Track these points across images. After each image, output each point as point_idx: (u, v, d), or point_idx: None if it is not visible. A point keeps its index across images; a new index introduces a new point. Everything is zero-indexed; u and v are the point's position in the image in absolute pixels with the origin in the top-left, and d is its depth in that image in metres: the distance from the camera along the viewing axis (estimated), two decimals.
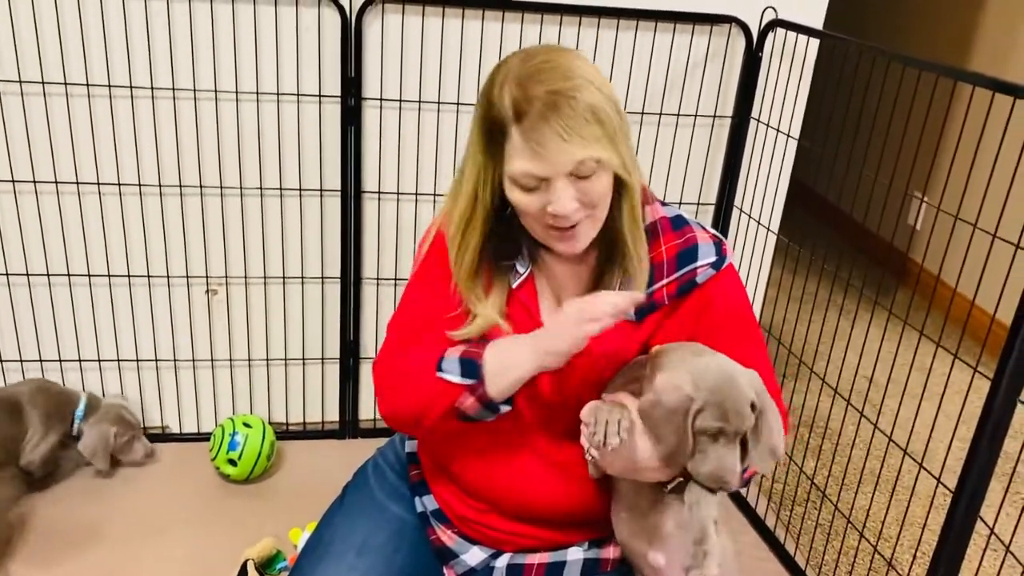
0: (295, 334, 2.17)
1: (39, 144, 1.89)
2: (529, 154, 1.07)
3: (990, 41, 3.21)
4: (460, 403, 1.16)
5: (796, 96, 2.04)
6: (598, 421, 1.12)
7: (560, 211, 1.09)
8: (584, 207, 1.11)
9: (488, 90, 1.10)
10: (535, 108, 1.05)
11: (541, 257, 1.24)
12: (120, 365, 2.12)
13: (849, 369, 2.72)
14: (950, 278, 3.09)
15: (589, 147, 1.06)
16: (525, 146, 1.07)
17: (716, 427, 1.09)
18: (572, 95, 1.05)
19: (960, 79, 1.43)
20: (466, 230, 1.18)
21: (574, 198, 1.09)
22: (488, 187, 1.14)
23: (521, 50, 1.13)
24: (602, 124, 1.07)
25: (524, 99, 1.05)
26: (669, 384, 1.12)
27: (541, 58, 1.08)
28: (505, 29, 1.93)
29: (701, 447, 1.11)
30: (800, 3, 1.99)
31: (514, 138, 1.07)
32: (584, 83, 1.06)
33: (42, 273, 2.00)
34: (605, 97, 1.08)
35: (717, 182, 2.14)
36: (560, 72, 1.06)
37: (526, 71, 1.07)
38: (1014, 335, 1.28)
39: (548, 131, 1.05)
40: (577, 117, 1.05)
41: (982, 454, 1.36)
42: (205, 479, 2.07)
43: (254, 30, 1.86)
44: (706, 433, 1.10)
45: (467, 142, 1.17)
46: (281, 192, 2.02)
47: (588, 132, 1.06)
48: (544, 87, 1.05)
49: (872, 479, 2.31)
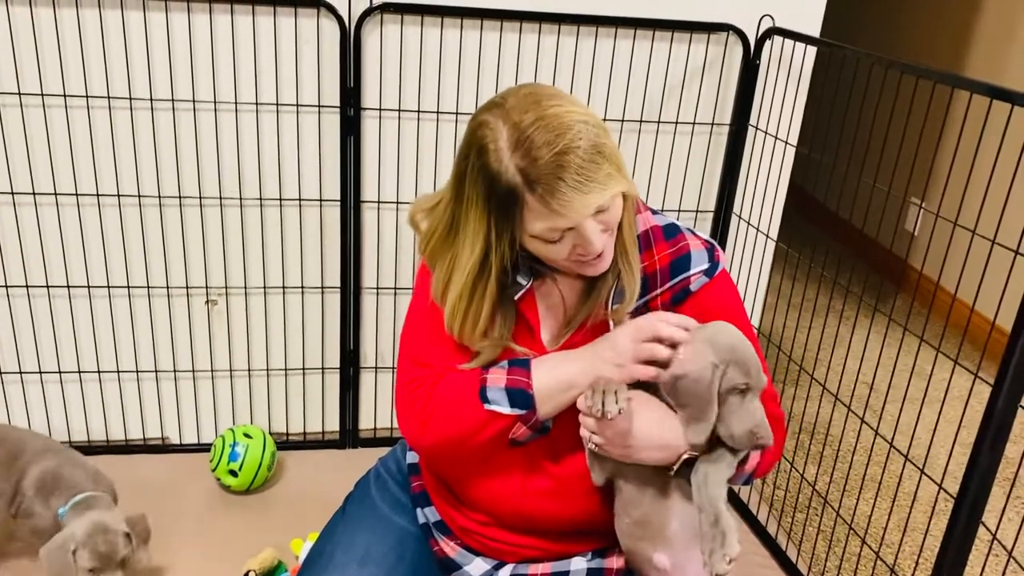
0: (295, 344, 2.17)
1: (39, 156, 1.90)
2: (551, 214, 1.06)
3: (986, 48, 3.23)
4: (513, 433, 1.18)
5: (794, 103, 2.05)
6: (596, 392, 1.13)
7: (594, 251, 1.11)
8: (608, 232, 1.12)
9: (484, 161, 1.06)
10: (545, 172, 1.03)
11: (540, 270, 1.23)
12: (120, 376, 2.12)
13: (849, 375, 2.72)
14: (949, 284, 3.09)
15: (607, 188, 1.06)
16: (545, 208, 1.05)
17: (743, 383, 1.13)
18: (575, 145, 1.04)
19: (957, 86, 1.43)
20: (472, 299, 1.16)
21: (600, 232, 1.10)
22: (501, 252, 1.12)
23: (498, 107, 1.08)
24: (608, 159, 1.07)
25: (531, 166, 1.04)
26: (689, 355, 1.14)
27: (529, 117, 1.05)
28: (504, 39, 1.93)
29: (731, 408, 1.13)
30: (797, 11, 2.00)
31: (531, 203, 1.06)
32: (578, 125, 1.05)
33: (42, 285, 2.00)
34: (595, 126, 1.07)
35: (716, 189, 2.15)
36: (553, 126, 1.04)
37: (521, 136, 1.04)
38: (1015, 340, 1.28)
39: (566, 189, 1.04)
40: (587, 165, 1.04)
41: (983, 460, 1.36)
42: (206, 490, 2.07)
43: (253, 41, 1.87)
44: (734, 391, 1.13)
45: (456, 215, 1.13)
46: (281, 202, 2.02)
47: (600, 174, 1.05)
48: (547, 150, 1.03)
49: (873, 485, 2.31)
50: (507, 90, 1.12)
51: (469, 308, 1.17)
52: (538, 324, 1.23)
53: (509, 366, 1.19)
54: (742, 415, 1.13)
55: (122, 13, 1.80)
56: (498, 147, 1.05)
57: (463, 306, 1.17)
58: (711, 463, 1.16)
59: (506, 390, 1.17)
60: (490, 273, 1.14)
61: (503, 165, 1.05)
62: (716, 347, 1.13)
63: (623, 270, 1.19)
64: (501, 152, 1.05)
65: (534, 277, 1.22)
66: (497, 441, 1.20)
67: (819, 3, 2.02)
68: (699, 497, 1.16)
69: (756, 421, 1.13)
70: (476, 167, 1.08)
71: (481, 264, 1.13)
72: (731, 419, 1.14)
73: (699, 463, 1.16)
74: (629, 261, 1.18)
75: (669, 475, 1.19)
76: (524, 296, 1.21)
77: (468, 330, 1.19)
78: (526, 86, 1.11)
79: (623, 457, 1.18)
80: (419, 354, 1.26)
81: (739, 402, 1.13)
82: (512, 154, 1.05)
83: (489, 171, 1.06)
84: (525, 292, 1.21)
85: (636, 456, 1.17)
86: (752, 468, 1.22)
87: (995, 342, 2.61)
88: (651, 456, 1.17)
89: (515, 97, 1.08)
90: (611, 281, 1.20)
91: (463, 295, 1.16)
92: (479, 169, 1.07)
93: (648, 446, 1.16)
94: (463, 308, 1.17)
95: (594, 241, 1.10)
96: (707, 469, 1.16)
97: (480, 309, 1.17)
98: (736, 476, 1.21)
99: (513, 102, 1.08)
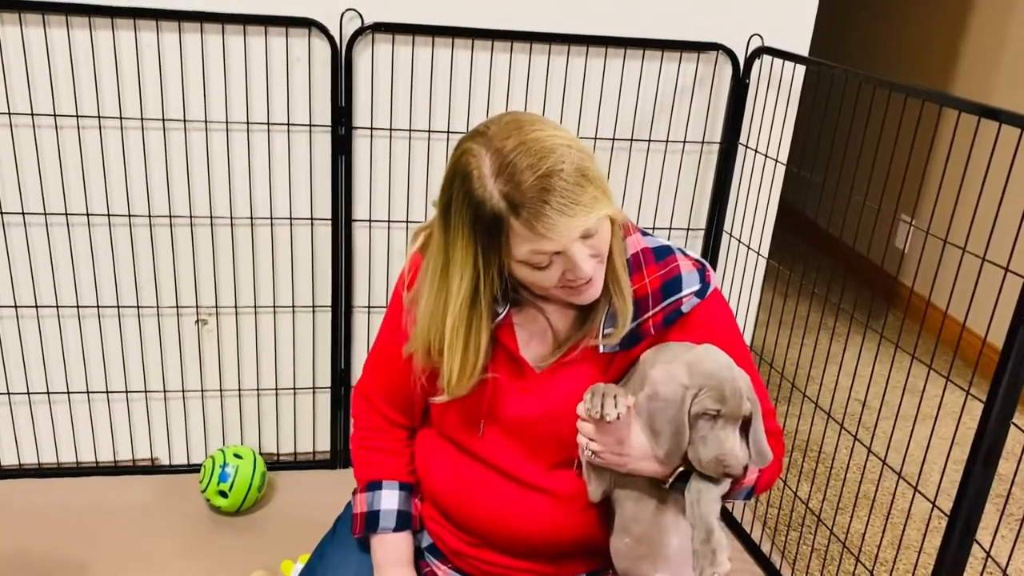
0: (286, 363, 2.16)
1: (28, 176, 1.89)
2: (537, 238, 1.06)
3: (972, 65, 3.25)
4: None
5: (784, 121, 2.06)
6: (595, 395, 1.13)
7: (583, 276, 1.10)
8: (596, 257, 1.12)
9: (468, 189, 1.07)
10: (530, 195, 1.03)
11: (524, 297, 1.23)
12: (109, 396, 2.11)
13: (841, 392, 2.72)
14: (940, 300, 3.10)
15: (592, 211, 1.06)
16: (531, 232, 1.05)
17: (714, 409, 1.11)
18: (558, 168, 1.04)
19: (946, 104, 1.44)
20: (470, 330, 1.16)
21: (589, 256, 1.10)
22: (490, 280, 1.12)
23: (480, 135, 1.09)
24: (592, 181, 1.06)
25: (515, 190, 1.04)
26: (665, 375, 1.14)
27: (511, 143, 1.05)
28: (494, 58, 1.94)
29: (701, 432, 1.12)
30: (786, 30, 2.01)
31: (516, 228, 1.06)
32: (560, 149, 1.05)
33: (31, 305, 1.99)
34: (579, 150, 1.07)
35: (706, 207, 2.15)
36: (535, 150, 1.04)
37: (504, 161, 1.05)
38: (1005, 358, 1.28)
39: (550, 212, 1.03)
40: (571, 188, 1.04)
41: (976, 477, 1.35)
42: (195, 511, 2.05)
43: (244, 61, 1.87)
44: (704, 416, 1.12)
45: (445, 246, 1.13)
46: (272, 221, 2.02)
47: (585, 197, 1.05)
48: (530, 174, 1.03)
49: (867, 503, 2.31)
50: (490, 119, 1.12)
51: (468, 340, 1.16)
52: (517, 349, 1.22)
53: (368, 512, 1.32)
54: (711, 441, 1.12)
55: (113, 33, 1.80)
56: (482, 174, 1.06)
57: (461, 340, 1.16)
58: (704, 480, 1.16)
59: (356, 511, 1.33)
60: (482, 302, 1.14)
61: (487, 191, 1.05)
62: (693, 371, 1.13)
63: (615, 295, 1.19)
64: (485, 179, 1.05)
65: (511, 304, 1.21)
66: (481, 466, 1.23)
67: (808, 22, 2.04)
68: (692, 514, 1.15)
69: (724, 449, 1.12)
70: (461, 195, 1.08)
71: (473, 294, 1.13)
72: (699, 444, 1.13)
73: (693, 479, 1.16)
74: (620, 287, 1.18)
75: (665, 488, 1.19)
76: (501, 324, 1.21)
77: (470, 363, 1.18)
78: (508, 114, 1.12)
79: (619, 466, 1.17)
80: (366, 385, 1.37)
81: (709, 428, 1.12)
82: (496, 180, 1.05)
83: (474, 198, 1.06)
84: (502, 320, 1.20)
85: (632, 465, 1.16)
86: (751, 483, 1.22)
87: (987, 359, 2.62)
88: (646, 467, 1.16)
89: (497, 125, 1.09)
90: (603, 307, 1.20)
91: (458, 328, 1.15)
92: (464, 196, 1.07)
93: (644, 456, 1.16)
94: (461, 342, 1.16)
95: (583, 266, 1.09)
96: (700, 486, 1.15)
97: (479, 340, 1.17)
98: (734, 491, 1.21)
99: (495, 129, 1.08)
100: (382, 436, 1.36)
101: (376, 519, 1.30)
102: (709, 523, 1.14)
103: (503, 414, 1.24)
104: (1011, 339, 1.27)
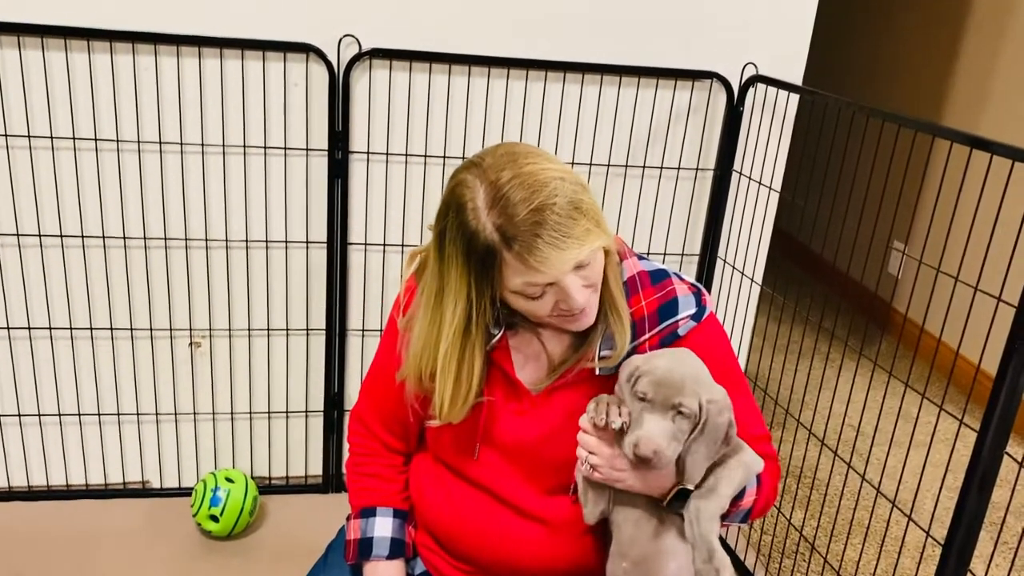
0: (279, 387, 2.15)
1: (23, 197, 1.89)
2: (529, 270, 1.07)
3: (962, 95, 3.29)
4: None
5: (777, 149, 2.07)
6: (599, 404, 1.14)
7: (576, 307, 1.11)
8: (590, 287, 1.13)
9: (462, 220, 1.07)
10: (522, 229, 1.04)
11: (520, 321, 1.23)
12: (101, 419, 2.09)
13: (835, 418, 2.72)
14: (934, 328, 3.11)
15: (585, 244, 1.07)
16: (523, 265, 1.06)
17: (643, 394, 1.12)
18: (551, 202, 1.04)
19: (938, 135, 1.45)
20: (463, 357, 1.17)
21: (582, 287, 1.11)
22: (482, 308, 1.13)
23: (475, 166, 1.10)
24: (585, 214, 1.07)
25: (508, 223, 1.05)
26: (634, 358, 1.17)
27: (505, 175, 1.06)
28: (491, 84, 1.96)
29: (634, 415, 1.13)
30: (780, 59, 2.03)
31: (509, 260, 1.07)
32: (554, 182, 1.06)
33: (23, 327, 1.98)
34: (573, 183, 1.08)
35: (701, 233, 2.16)
36: (529, 183, 1.05)
37: (497, 194, 1.05)
38: (999, 386, 1.28)
39: (543, 245, 1.04)
40: (564, 221, 1.05)
41: (971, 506, 1.35)
42: (186, 535, 2.03)
43: (242, 85, 1.88)
44: (636, 398, 1.13)
45: (440, 274, 1.14)
46: (267, 244, 2.02)
47: (578, 230, 1.06)
48: (523, 207, 1.04)
49: (861, 530, 2.30)
50: (485, 149, 1.13)
51: (461, 367, 1.17)
52: (513, 372, 1.23)
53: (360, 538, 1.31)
54: (633, 424, 1.13)
55: (111, 57, 1.81)
56: (476, 206, 1.06)
57: (453, 367, 1.16)
58: (702, 498, 1.16)
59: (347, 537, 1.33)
60: (475, 330, 1.14)
61: (480, 223, 1.06)
62: (650, 359, 1.15)
63: (612, 319, 1.19)
64: (479, 211, 1.06)
65: (507, 328, 1.22)
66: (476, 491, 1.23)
67: (801, 51, 2.06)
68: (691, 533, 1.15)
69: (643, 434, 1.10)
70: (455, 225, 1.08)
71: (466, 322, 1.13)
72: (631, 427, 1.14)
73: (691, 498, 1.16)
74: (618, 312, 1.19)
75: (663, 506, 1.18)
76: (497, 346, 1.21)
77: (463, 390, 1.18)
78: (503, 145, 1.13)
79: (616, 481, 1.17)
80: (362, 410, 1.37)
81: (639, 410, 1.13)
82: (489, 212, 1.05)
83: (467, 229, 1.07)
84: (498, 342, 1.21)
85: (629, 481, 1.16)
86: (748, 506, 1.22)
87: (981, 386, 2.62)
88: (643, 484, 1.16)
89: (492, 156, 1.10)
90: (600, 330, 1.20)
91: (451, 355, 1.16)
92: (458, 227, 1.08)
93: (641, 472, 1.15)
94: (454, 369, 1.17)
95: (576, 297, 1.10)
96: (699, 504, 1.15)
97: (472, 367, 1.17)
98: (731, 513, 1.21)
99: (490, 161, 1.09)
100: (377, 461, 1.35)
101: (369, 546, 1.29)
102: (710, 542, 1.13)
103: (499, 437, 1.24)
104: (1003, 369, 1.27)
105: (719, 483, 1.17)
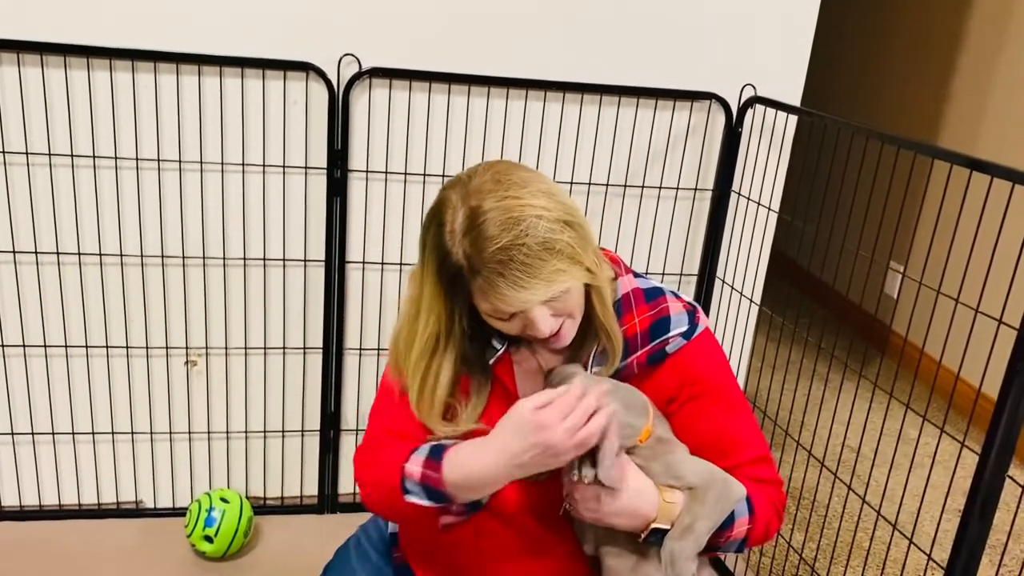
0: (275, 406, 2.14)
1: (20, 214, 1.88)
2: (494, 301, 1.08)
3: (959, 114, 3.30)
4: (441, 520, 1.19)
5: (776, 170, 2.07)
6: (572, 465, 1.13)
7: (541, 335, 1.12)
8: (562, 316, 1.13)
9: (439, 238, 1.08)
10: (488, 264, 1.05)
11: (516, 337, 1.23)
12: (95, 438, 2.08)
13: (835, 440, 2.71)
14: (933, 350, 3.10)
15: (550, 285, 1.06)
16: (484, 296, 1.08)
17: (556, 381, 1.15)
18: (520, 242, 1.04)
19: (936, 157, 1.45)
20: (428, 368, 1.18)
21: (550, 316, 1.11)
22: (459, 317, 1.15)
23: (463, 184, 1.10)
24: (558, 254, 1.06)
25: (476, 256, 1.05)
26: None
27: (486, 204, 1.06)
28: (491, 104, 1.96)
29: None
30: (778, 80, 2.04)
31: (475, 287, 1.08)
32: (530, 219, 1.05)
33: (17, 344, 1.97)
34: (553, 219, 1.06)
35: (699, 254, 2.16)
36: (503, 220, 1.04)
37: (473, 222, 1.05)
38: (1000, 409, 1.27)
39: (503, 284, 1.05)
40: (531, 262, 1.04)
41: (973, 529, 1.34)
42: (180, 556, 2.01)
43: (241, 103, 1.88)
44: None
45: (415, 287, 1.16)
46: (265, 262, 2.01)
47: (545, 271, 1.05)
48: (492, 244, 1.04)
49: (861, 553, 2.28)
50: (477, 165, 1.13)
51: (428, 372, 1.17)
52: (514, 386, 1.23)
53: (428, 455, 1.14)
54: None
55: (111, 74, 1.81)
56: (453, 228, 1.07)
57: (420, 372, 1.18)
58: (677, 539, 1.15)
59: (421, 485, 1.13)
60: (448, 339, 1.15)
61: (455, 246, 1.07)
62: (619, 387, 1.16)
63: (604, 340, 1.20)
64: (455, 234, 1.07)
65: (509, 343, 1.22)
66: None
67: (800, 72, 2.06)
68: (667, 574, 1.15)
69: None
70: (433, 239, 1.10)
71: (438, 329, 1.15)
72: None
73: (666, 539, 1.15)
74: (608, 333, 1.19)
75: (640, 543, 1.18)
76: (499, 360, 1.21)
77: (427, 395, 1.18)
78: (497, 164, 1.12)
79: (594, 520, 1.16)
80: (370, 437, 1.28)
81: None
82: (463, 238, 1.06)
83: (443, 249, 1.08)
84: (500, 356, 1.21)
85: (606, 520, 1.15)
86: (741, 535, 1.20)
87: (982, 409, 2.61)
88: (619, 522, 1.16)
89: (480, 177, 1.09)
90: (591, 345, 1.21)
91: (419, 361, 1.17)
92: (435, 244, 1.10)
93: (617, 512, 1.14)
94: (421, 373, 1.18)
95: (541, 327, 1.11)
96: (672, 547, 1.15)
97: (437, 379, 1.18)
98: (722, 544, 1.20)
99: (476, 183, 1.09)
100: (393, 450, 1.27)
101: (439, 448, 1.15)
102: None
103: None
104: (1005, 392, 1.26)
105: (695, 521, 1.16)
